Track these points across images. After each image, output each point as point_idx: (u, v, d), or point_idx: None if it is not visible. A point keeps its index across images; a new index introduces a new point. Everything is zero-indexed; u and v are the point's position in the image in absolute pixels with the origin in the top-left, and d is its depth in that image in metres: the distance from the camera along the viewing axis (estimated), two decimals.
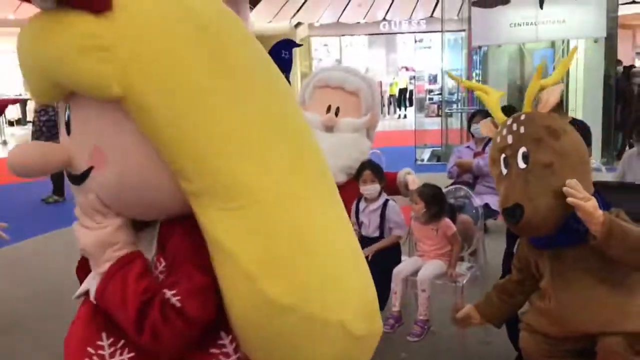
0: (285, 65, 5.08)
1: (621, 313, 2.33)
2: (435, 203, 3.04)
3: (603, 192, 2.75)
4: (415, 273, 3.03)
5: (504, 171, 2.40)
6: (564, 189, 2.14)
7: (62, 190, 7.68)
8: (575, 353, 2.53)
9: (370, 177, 3.19)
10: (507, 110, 5.54)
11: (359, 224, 3.28)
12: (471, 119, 4.74)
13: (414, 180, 3.33)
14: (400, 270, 3.04)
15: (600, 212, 2.12)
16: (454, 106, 12.73)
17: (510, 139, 2.37)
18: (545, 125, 2.32)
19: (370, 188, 3.19)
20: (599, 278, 2.33)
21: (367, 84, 3.55)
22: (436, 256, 3.09)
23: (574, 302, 2.38)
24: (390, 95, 20.46)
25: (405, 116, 20.43)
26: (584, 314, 2.37)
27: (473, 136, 4.74)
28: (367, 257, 3.05)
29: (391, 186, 3.47)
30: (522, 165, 2.32)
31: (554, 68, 9.56)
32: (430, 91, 18.55)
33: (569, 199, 2.14)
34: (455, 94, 13.28)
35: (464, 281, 3.04)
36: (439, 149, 11.45)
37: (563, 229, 2.30)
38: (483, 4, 8.66)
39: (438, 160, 10.94)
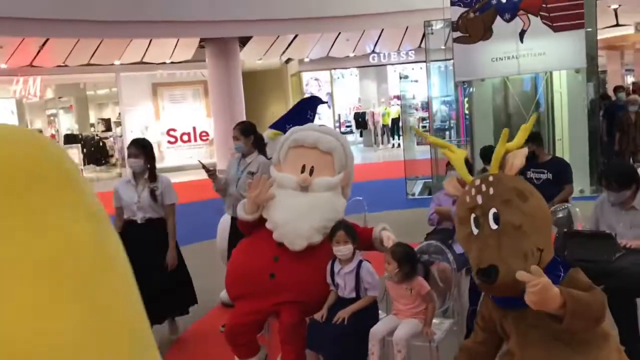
0: (304, 122, 4.92)
1: None
2: (407, 263, 3.10)
3: (576, 241, 2.82)
4: (391, 333, 3.07)
5: (475, 231, 2.47)
6: (517, 274, 2.18)
7: None
8: None
9: (343, 238, 3.25)
10: (489, 150, 5.65)
11: (335, 285, 3.32)
12: (447, 165, 4.81)
13: (389, 237, 3.38)
14: (377, 331, 3.08)
15: (555, 291, 2.15)
16: (446, 134, 12.82)
17: (480, 199, 2.45)
18: (513, 187, 2.44)
19: (343, 249, 3.24)
20: (560, 337, 2.38)
21: (341, 143, 3.64)
22: (411, 315, 3.13)
23: (539, 357, 2.42)
24: (384, 125, 20.61)
25: (399, 145, 20.52)
26: None
27: None
28: (343, 320, 3.11)
29: (367, 242, 3.53)
30: (493, 226, 2.40)
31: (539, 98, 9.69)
32: (423, 119, 18.66)
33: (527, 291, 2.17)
34: (447, 122, 13.40)
35: (438, 338, 3.07)
36: (430, 180, 11.45)
37: (525, 290, 2.35)
38: (464, 41, 8.82)
39: (429, 194, 10.90)
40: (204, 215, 5.18)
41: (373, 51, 19.67)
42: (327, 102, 5.43)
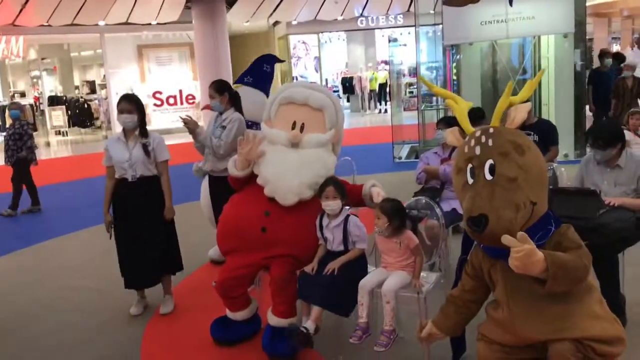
0: (266, 79, 5.23)
1: (569, 320, 2.48)
2: (396, 217, 3.15)
3: (562, 198, 2.89)
4: (380, 285, 3.14)
5: (470, 180, 2.52)
6: (502, 238, 2.25)
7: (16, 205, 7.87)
8: None
9: (332, 194, 3.29)
10: (476, 112, 5.68)
11: (324, 239, 3.38)
12: (437, 124, 4.85)
13: (379, 193, 3.43)
14: (366, 283, 3.15)
15: (538, 256, 2.23)
16: (432, 101, 12.81)
17: (478, 150, 2.50)
18: (512, 141, 2.46)
19: (331, 204, 3.29)
20: (543, 282, 2.45)
21: (332, 100, 3.65)
22: (400, 267, 3.20)
23: (525, 311, 2.52)
24: (371, 90, 20.52)
25: (385, 110, 20.47)
26: (534, 323, 2.51)
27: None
28: (333, 271, 3.18)
29: (357, 198, 3.58)
30: (488, 176, 2.46)
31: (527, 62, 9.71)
32: (410, 84, 18.61)
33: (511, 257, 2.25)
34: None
35: (426, 290, 3.15)
36: (417, 144, 11.52)
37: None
38: (453, 3, 8.76)
39: (416, 157, 10.96)
40: (191, 178, 5.20)
41: (361, 15, 19.45)
42: (284, 61, 5.38)
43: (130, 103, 4.04)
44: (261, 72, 4.93)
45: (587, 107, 9.53)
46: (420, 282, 3.14)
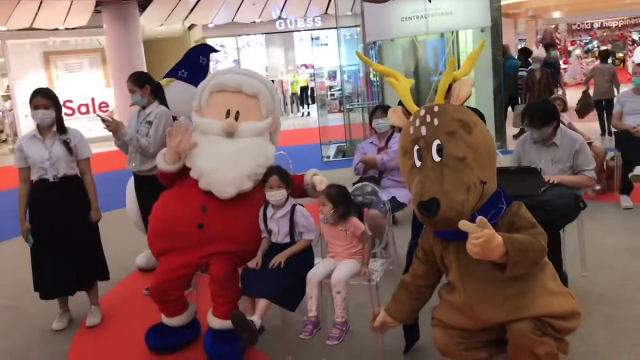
0: (203, 72, 4.81)
1: (526, 298, 2.41)
2: (342, 203, 3.01)
3: (503, 177, 2.83)
4: (329, 275, 2.98)
5: (418, 163, 2.40)
6: (460, 224, 2.15)
7: None
8: (489, 343, 2.59)
9: (276, 183, 3.11)
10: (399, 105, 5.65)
11: (268, 231, 3.19)
12: (372, 114, 4.77)
13: (322, 181, 3.27)
14: (314, 274, 2.98)
15: (498, 241, 2.15)
16: (355, 101, 12.88)
17: (424, 131, 2.38)
18: (458, 118, 2.36)
19: (276, 194, 3.10)
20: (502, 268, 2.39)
21: (266, 86, 3.46)
22: (348, 256, 3.06)
23: (481, 294, 2.43)
24: (292, 94, 20.44)
25: (308, 114, 20.48)
26: (492, 304, 2.43)
27: (375, 131, 4.77)
28: (279, 264, 2.99)
29: (299, 189, 3.41)
30: (436, 158, 2.34)
31: (445, 59, 9.95)
32: (331, 87, 18.71)
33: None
34: (357, 88, 13.45)
35: (378, 278, 3.02)
36: (344, 144, 11.58)
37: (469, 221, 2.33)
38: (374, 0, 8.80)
39: (343, 156, 11.05)
40: (108, 187, 4.87)
41: (279, 17, 19.34)
42: (219, 50, 5.18)
43: (46, 97, 3.67)
44: (196, 64, 4.56)
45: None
46: (370, 270, 3.01)
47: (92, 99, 16.95)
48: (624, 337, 3.02)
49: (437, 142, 2.34)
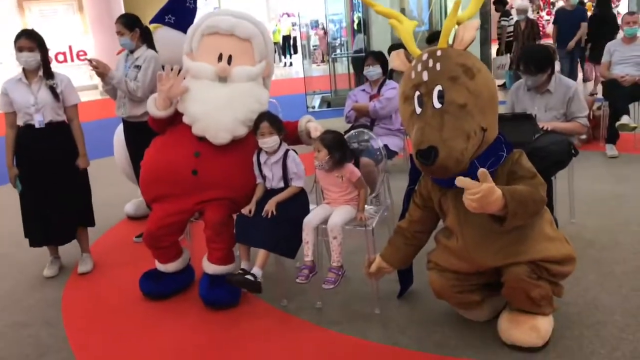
0: (190, 17, 4.56)
1: (524, 244, 2.45)
2: (337, 149, 2.99)
3: (498, 123, 2.83)
4: (325, 221, 2.99)
5: (418, 110, 2.37)
6: (456, 180, 2.14)
7: None
8: (484, 286, 2.65)
9: (268, 130, 3.06)
10: (393, 48, 5.59)
11: (262, 177, 3.17)
12: (364, 61, 4.70)
13: (317, 128, 3.24)
14: (310, 220, 2.98)
15: (497, 195, 2.13)
16: (338, 51, 12.71)
17: (425, 76, 2.33)
18: (461, 63, 2.32)
19: (269, 141, 3.07)
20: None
21: (260, 30, 3.37)
22: (344, 202, 3.06)
23: (479, 239, 2.46)
24: (274, 43, 20.07)
25: (291, 64, 20.21)
26: (490, 250, 2.46)
27: (367, 79, 4.71)
28: (272, 213, 2.98)
29: (292, 136, 3.38)
30: (437, 104, 2.30)
31: (429, 9, 9.80)
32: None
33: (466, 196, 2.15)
34: (338, 39, 13.26)
35: (374, 224, 3.04)
36: (329, 95, 11.49)
37: (468, 168, 2.33)
38: None
39: (328, 106, 10.98)
40: (94, 135, 4.77)
41: None
42: None
43: (31, 39, 3.54)
44: (184, 9, 4.26)
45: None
46: (365, 215, 3.02)
47: (70, 47, 16.49)
48: (612, 279, 3.10)
49: (438, 87, 2.31)
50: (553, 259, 2.48)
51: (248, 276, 2.98)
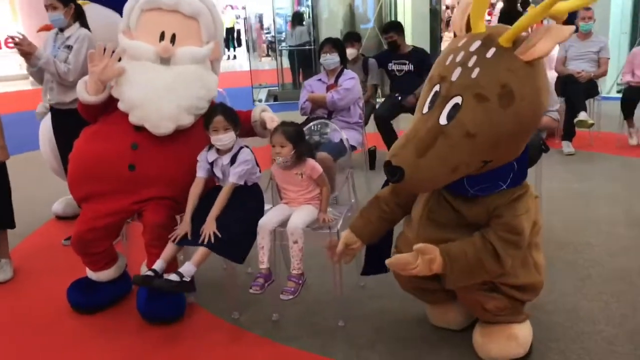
0: None
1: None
2: (301, 142, 2.65)
3: None
4: (282, 223, 2.64)
5: (426, 109, 1.96)
6: (388, 262, 2.04)
7: None
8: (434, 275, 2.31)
9: (223, 125, 2.65)
10: (350, 36, 5.30)
11: (215, 177, 2.76)
12: (320, 49, 4.37)
13: (273, 118, 2.88)
14: (266, 222, 2.63)
15: (437, 263, 2.03)
16: (283, 44, 12.37)
17: (456, 74, 1.88)
18: (504, 83, 1.82)
19: (223, 138, 2.66)
20: (465, 225, 2.13)
21: (208, 7, 2.97)
22: (304, 201, 2.72)
23: (433, 241, 2.10)
24: None
25: (235, 57, 19.69)
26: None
27: (324, 68, 4.38)
28: (226, 214, 2.60)
29: (244, 127, 3.00)
30: (443, 121, 1.88)
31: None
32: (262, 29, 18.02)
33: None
34: (284, 33, 12.93)
35: (338, 225, 2.71)
36: (276, 88, 11.15)
37: (453, 185, 2.04)
38: None
39: (275, 100, 10.65)
40: (20, 127, 4.25)
41: None
42: None
43: None
44: None
45: None
46: (329, 217, 2.69)
47: None
48: (590, 285, 2.89)
49: (457, 99, 1.86)
50: (512, 284, 2.16)
51: (172, 277, 2.53)
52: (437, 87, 1.94)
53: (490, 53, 1.84)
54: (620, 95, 6.15)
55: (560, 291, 2.82)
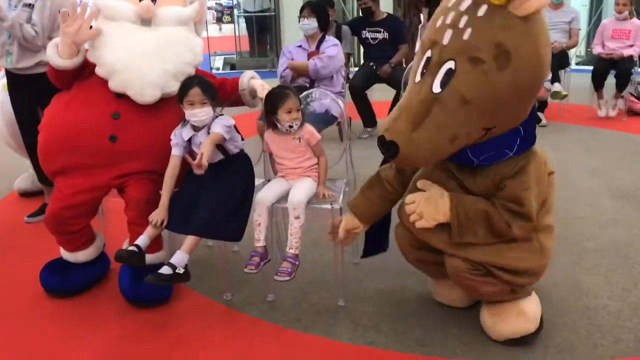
0: None
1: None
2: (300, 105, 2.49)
3: None
4: (282, 199, 2.48)
5: (418, 77, 1.83)
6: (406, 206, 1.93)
7: None
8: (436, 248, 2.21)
9: (199, 98, 2.39)
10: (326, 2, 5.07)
11: (191, 155, 2.49)
12: (300, 12, 4.16)
13: (263, 85, 2.68)
14: (265, 198, 2.45)
15: (444, 208, 1.97)
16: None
17: (447, 37, 1.74)
18: (498, 42, 1.68)
19: (199, 113, 2.40)
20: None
21: None
22: (302, 172, 2.55)
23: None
24: None
25: None
26: (432, 230, 2.05)
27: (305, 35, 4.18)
28: (214, 193, 2.41)
29: (231, 96, 2.80)
30: (436, 89, 1.75)
31: None
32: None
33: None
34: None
35: (340, 200, 2.56)
36: (233, 56, 10.80)
37: (457, 155, 1.91)
38: None
39: (232, 68, 10.35)
40: None
41: None
42: None
43: None
44: None
45: None
46: (328, 192, 2.54)
47: None
48: (586, 259, 2.88)
49: (450, 64, 1.74)
50: (506, 267, 2.04)
51: (164, 270, 2.32)
52: (428, 53, 1.82)
53: (482, 11, 1.71)
54: (579, 67, 6.21)
55: (557, 267, 2.76)
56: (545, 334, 2.25)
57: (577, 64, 8.46)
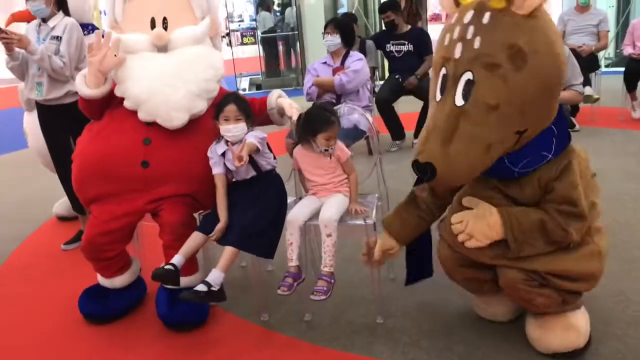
0: None
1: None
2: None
3: None
4: (314, 217, 2.46)
5: (438, 95, 1.81)
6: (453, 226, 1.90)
7: None
8: (484, 265, 2.16)
9: (234, 115, 2.43)
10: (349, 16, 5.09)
11: (226, 170, 2.53)
12: (324, 29, 4.17)
13: (292, 105, 2.67)
14: (297, 216, 2.43)
15: (496, 226, 1.92)
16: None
17: (458, 51, 1.74)
18: (511, 43, 1.67)
19: (234, 129, 2.44)
20: None
21: None
22: (333, 188, 2.53)
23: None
24: None
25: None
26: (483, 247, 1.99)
27: (328, 51, 4.19)
28: (249, 206, 2.41)
29: (259, 115, 2.80)
30: (459, 101, 1.73)
31: None
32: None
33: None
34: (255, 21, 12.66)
35: (373, 215, 2.53)
36: (258, 76, 10.91)
37: (493, 167, 1.86)
38: None
39: (258, 89, 10.44)
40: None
41: None
42: None
43: None
44: None
45: None
46: (361, 207, 2.51)
47: None
48: (636, 268, 2.77)
49: (467, 75, 1.72)
50: (563, 274, 1.98)
51: (199, 287, 2.32)
52: (443, 70, 1.81)
53: (486, 18, 1.71)
54: (609, 69, 6.08)
55: (606, 274, 2.68)
56: (593, 344, 2.17)
57: (606, 66, 8.30)
